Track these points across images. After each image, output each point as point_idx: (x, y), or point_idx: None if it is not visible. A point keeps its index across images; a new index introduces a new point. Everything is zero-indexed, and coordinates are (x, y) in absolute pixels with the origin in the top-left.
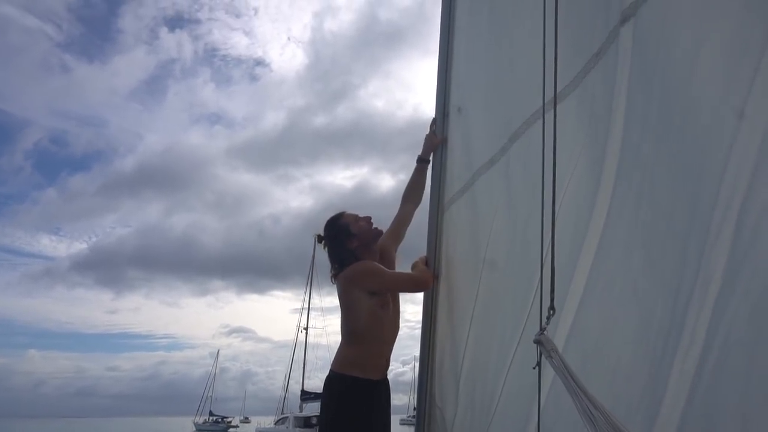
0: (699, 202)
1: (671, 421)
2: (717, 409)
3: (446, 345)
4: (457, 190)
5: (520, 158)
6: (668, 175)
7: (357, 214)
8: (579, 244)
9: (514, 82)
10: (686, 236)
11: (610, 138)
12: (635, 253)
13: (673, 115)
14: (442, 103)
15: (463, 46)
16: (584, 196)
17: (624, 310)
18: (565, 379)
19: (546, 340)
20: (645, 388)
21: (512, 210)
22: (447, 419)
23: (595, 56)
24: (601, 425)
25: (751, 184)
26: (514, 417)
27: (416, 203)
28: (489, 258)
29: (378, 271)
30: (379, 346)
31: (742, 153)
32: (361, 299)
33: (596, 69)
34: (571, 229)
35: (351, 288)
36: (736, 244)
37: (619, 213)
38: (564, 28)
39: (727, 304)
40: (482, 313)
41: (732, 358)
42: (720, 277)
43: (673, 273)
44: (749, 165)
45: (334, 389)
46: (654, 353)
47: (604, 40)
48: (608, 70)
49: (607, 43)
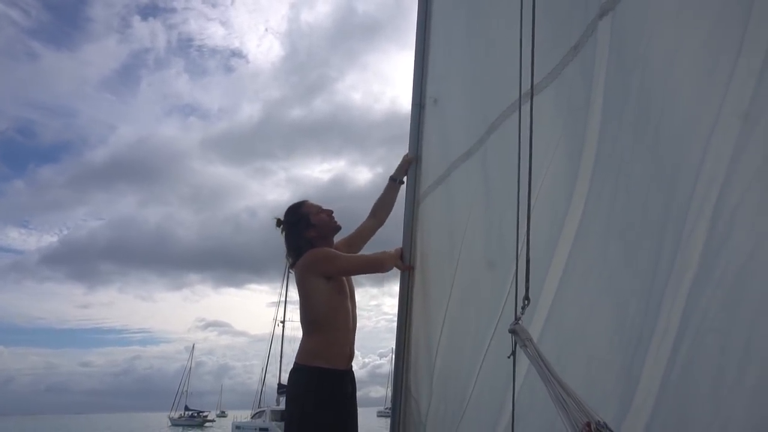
0: (675, 195)
1: (646, 406)
2: (690, 394)
3: (421, 336)
4: (432, 182)
5: (497, 150)
6: (645, 168)
7: (320, 206)
8: (556, 235)
9: (491, 74)
10: (662, 228)
11: (587, 131)
12: (611, 244)
13: (650, 109)
14: (419, 95)
15: (440, 38)
16: (562, 187)
17: (600, 300)
18: (539, 368)
19: (521, 330)
20: (620, 375)
21: (489, 201)
22: (422, 410)
23: (573, 49)
24: (574, 412)
25: (727, 178)
26: (488, 406)
27: (380, 221)
28: (465, 249)
29: (334, 255)
30: (340, 334)
31: (719, 148)
32: (318, 286)
33: (574, 62)
34: (548, 220)
35: (308, 275)
36: (712, 235)
37: (596, 204)
38: (542, 20)
39: (701, 293)
40: (457, 304)
41: (705, 345)
42: (695, 267)
43: (649, 263)
44: (725, 160)
45: (299, 381)
46: (629, 341)
47: (582, 33)
48: (586, 63)
49: (585, 37)
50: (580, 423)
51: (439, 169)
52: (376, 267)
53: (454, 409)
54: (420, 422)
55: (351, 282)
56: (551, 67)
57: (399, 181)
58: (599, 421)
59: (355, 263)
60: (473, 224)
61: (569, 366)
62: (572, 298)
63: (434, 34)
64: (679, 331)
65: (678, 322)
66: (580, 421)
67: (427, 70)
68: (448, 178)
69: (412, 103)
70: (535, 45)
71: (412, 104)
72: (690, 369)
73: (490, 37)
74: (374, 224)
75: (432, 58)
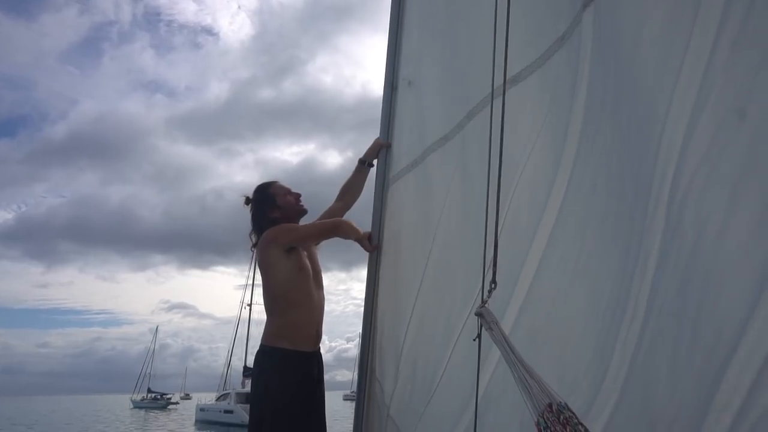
0: (640, 184)
1: (615, 387)
2: (652, 376)
3: (387, 319)
4: (405, 165)
5: (475, 136)
6: (620, 158)
7: (289, 188)
8: (536, 221)
9: (472, 60)
10: (632, 216)
11: (571, 120)
12: (589, 232)
13: (624, 99)
14: (391, 75)
15: (415, 19)
16: (543, 175)
17: (576, 285)
18: (504, 350)
19: (487, 313)
20: (593, 357)
21: (466, 186)
22: (386, 392)
23: (560, 39)
24: (536, 393)
25: (677, 167)
26: (458, 391)
27: (347, 204)
28: (441, 233)
29: (291, 227)
30: (303, 313)
31: (671, 137)
32: (278, 260)
33: (560, 52)
34: (528, 206)
35: (267, 249)
36: (668, 222)
37: (576, 193)
38: (530, 9)
39: (661, 278)
40: (430, 289)
41: (665, 328)
42: (656, 253)
43: (621, 250)
44: (676, 149)
45: (263, 363)
46: (602, 325)
47: (569, 24)
48: (572, 53)
49: (572, 27)
50: (542, 404)
51: (413, 152)
52: (331, 230)
53: (422, 393)
54: (384, 404)
55: (316, 263)
56: (537, 56)
57: (368, 164)
58: (560, 402)
59: (310, 228)
60: (449, 209)
61: (544, 350)
62: (550, 282)
63: (408, 15)
64: (645, 316)
65: (645, 306)
66: (542, 403)
67: (401, 50)
68: (423, 162)
69: (385, 84)
70: (521, 33)
71: (384, 85)
72: (652, 351)
73: (471, 24)
74: (342, 207)
75: (406, 39)
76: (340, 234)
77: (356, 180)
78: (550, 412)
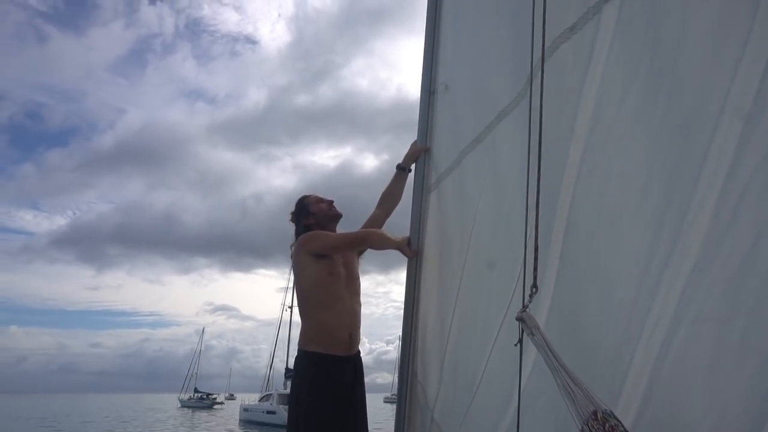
0: (678, 182)
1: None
2: (682, 386)
3: (430, 323)
4: (444, 170)
5: (507, 137)
6: (645, 154)
7: (322, 197)
8: (549, 223)
9: (501, 60)
10: (661, 216)
11: (579, 114)
12: (600, 233)
13: (657, 96)
14: (428, 80)
15: (450, 22)
16: (552, 174)
17: (590, 290)
18: (546, 356)
19: (528, 318)
20: (611, 364)
21: (499, 188)
22: (429, 396)
23: (569, 30)
24: (580, 400)
25: (732, 166)
26: (497, 394)
27: (387, 212)
28: (475, 237)
29: (320, 234)
30: (333, 317)
31: (725, 136)
32: (307, 265)
33: (568, 43)
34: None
35: (298, 255)
36: (715, 224)
37: (584, 192)
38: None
39: (700, 282)
40: (467, 292)
41: (701, 336)
42: (695, 255)
43: (642, 252)
44: (731, 148)
45: (298, 367)
46: (619, 330)
47: (581, 16)
48: (584, 45)
49: (585, 18)
50: (586, 412)
51: (450, 156)
52: (361, 241)
53: (463, 396)
54: (427, 407)
55: (352, 269)
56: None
57: (407, 170)
58: (606, 410)
59: (339, 238)
60: (483, 211)
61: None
62: (567, 288)
63: (445, 18)
64: (673, 321)
65: (673, 311)
66: (587, 410)
67: (438, 55)
68: (459, 166)
69: (422, 89)
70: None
71: (421, 90)
72: (683, 360)
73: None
74: (382, 215)
75: (443, 42)
76: (371, 245)
77: (395, 186)
78: (595, 419)
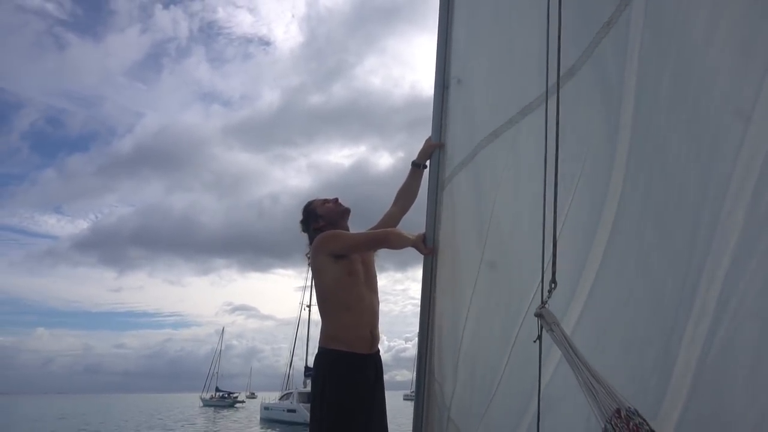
0: (712, 175)
1: (681, 392)
2: (726, 381)
3: (445, 321)
4: (457, 163)
5: (532, 132)
6: (680, 147)
7: (326, 198)
8: (596, 219)
9: (525, 55)
10: (698, 209)
11: (622, 110)
12: (648, 227)
13: (686, 88)
14: (442, 75)
15: (463, 17)
16: (600, 171)
17: (637, 284)
18: (566, 352)
19: (547, 314)
20: (655, 362)
21: (520, 184)
22: (446, 394)
23: (606, 25)
24: (603, 398)
25: (766, 160)
26: (518, 391)
27: (404, 209)
28: (492, 232)
29: (338, 234)
30: (354, 316)
31: (760, 126)
32: (326, 266)
33: (607, 38)
34: (587, 205)
35: (315, 256)
36: (751, 217)
37: (633, 187)
38: None
39: (739, 277)
40: (485, 290)
41: (742, 330)
42: (733, 249)
43: (685, 246)
44: (764, 141)
45: (320, 364)
46: (664, 326)
47: (615, 9)
48: (619, 39)
49: (618, 12)
50: (609, 410)
51: (464, 150)
52: (379, 242)
53: (482, 395)
54: (444, 406)
55: (370, 267)
56: (585, 45)
57: (422, 166)
58: (629, 408)
59: (358, 238)
60: (501, 207)
61: (607, 353)
62: (611, 282)
63: (458, 12)
64: (714, 316)
65: (714, 306)
66: (610, 408)
67: (451, 49)
68: (473, 160)
69: (435, 84)
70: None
71: (435, 85)
72: (726, 355)
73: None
74: (398, 212)
75: (455, 36)
76: (389, 246)
77: (411, 183)
78: (618, 418)
